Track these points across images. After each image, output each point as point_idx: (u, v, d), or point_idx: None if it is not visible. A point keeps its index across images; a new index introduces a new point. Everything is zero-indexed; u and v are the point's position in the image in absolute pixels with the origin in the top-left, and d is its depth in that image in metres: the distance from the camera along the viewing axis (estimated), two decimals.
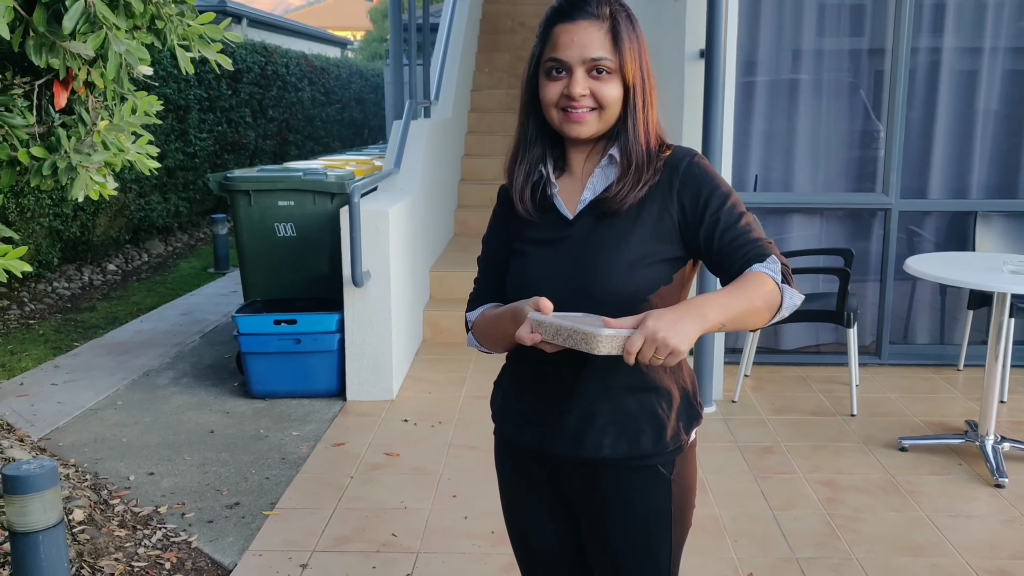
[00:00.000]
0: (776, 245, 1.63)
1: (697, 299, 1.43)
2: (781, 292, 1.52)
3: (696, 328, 1.38)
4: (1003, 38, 5.05)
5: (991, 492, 3.65)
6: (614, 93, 1.60)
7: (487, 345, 1.75)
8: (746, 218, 1.61)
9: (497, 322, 1.67)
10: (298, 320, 4.76)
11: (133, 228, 8.83)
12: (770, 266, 1.53)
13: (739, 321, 1.47)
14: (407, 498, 3.65)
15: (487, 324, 1.72)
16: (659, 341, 1.34)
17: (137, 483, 3.81)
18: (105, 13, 1.91)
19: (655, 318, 1.36)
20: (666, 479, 1.69)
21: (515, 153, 1.73)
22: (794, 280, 1.57)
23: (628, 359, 1.36)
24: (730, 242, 1.58)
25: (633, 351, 1.35)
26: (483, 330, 1.74)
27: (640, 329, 1.36)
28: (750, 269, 1.54)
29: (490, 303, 1.77)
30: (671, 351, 1.34)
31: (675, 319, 1.37)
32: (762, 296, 1.48)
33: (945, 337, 5.37)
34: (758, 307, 1.48)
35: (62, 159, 2.32)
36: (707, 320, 1.40)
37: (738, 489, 3.69)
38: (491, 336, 1.72)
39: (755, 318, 1.49)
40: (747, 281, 1.50)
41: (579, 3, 1.61)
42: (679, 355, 1.36)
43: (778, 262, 1.55)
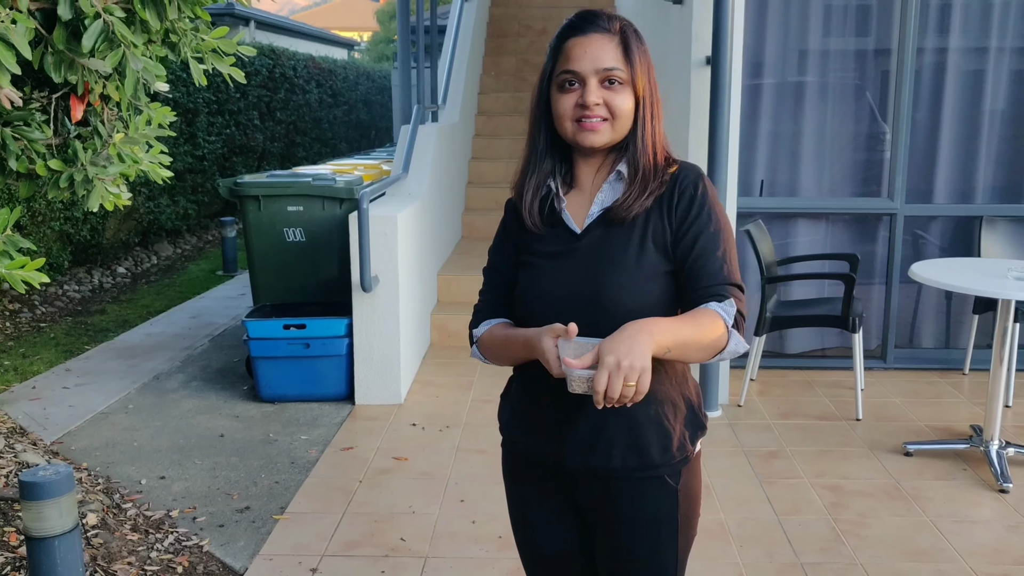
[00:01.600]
0: (742, 279, 1.67)
1: (645, 320, 1.48)
2: (728, 336, 1.58)
3: (649, 346, 1.42)
4: (1009, 38, 5.07)
5: (995, 497, 3.67)
6: (626, 104, 1.65)
7: (493, 361, 1.79)
8: (724, 251, 1.65)
9: (507, 344, 1.71)
10: (307, 325, 4.80)
11: (142, 231, 8.89)
12: (726, 308, 1.59)
13: (683, 350, 1.51)
14: (415, 502, 3.69)
15: (496, 344, 1.75)
16: (623, 369, 1.38)
17: (149, 487, 3.86)
18: (123, 32, 1.96)
19: (609, 350, 1.40)
20: (673, 489, 1.73)
21: (525, 167, 1.77)
22: (744, 330, 1.61)
23: (597, 400, 1.40)
24: (699, 269, 1.63)
25: (601, 390, 1.39)
26: (490, 347, 1.77)
27: (601, 366, 1.39)
28: (707, 305, 1.59)
29: (496, 319, 1.79)
30: (637, 372, 1.38)
31: (629, 342, 1.41)
32: (710, 334, 1.54)
33: (951, 341, 5.39)
34: (704, 343, 1.53)
35: (79, 172, 2.37)
36: (654, 340, 1.44)
37: (743, 494, 3.73)
38: (499, 355, 1.76)
39: (698, 353, 1.54)
40: (700, 315, 1.56)
41: (590, 18, 1.67)
42: (646, 374, 1.39)
43: (735, 307, 1.60)
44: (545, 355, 1.53)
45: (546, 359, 1.53)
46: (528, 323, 1.74)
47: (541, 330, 1.57)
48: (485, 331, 1.78)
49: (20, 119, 2.27)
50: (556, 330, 1.55)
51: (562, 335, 1.53)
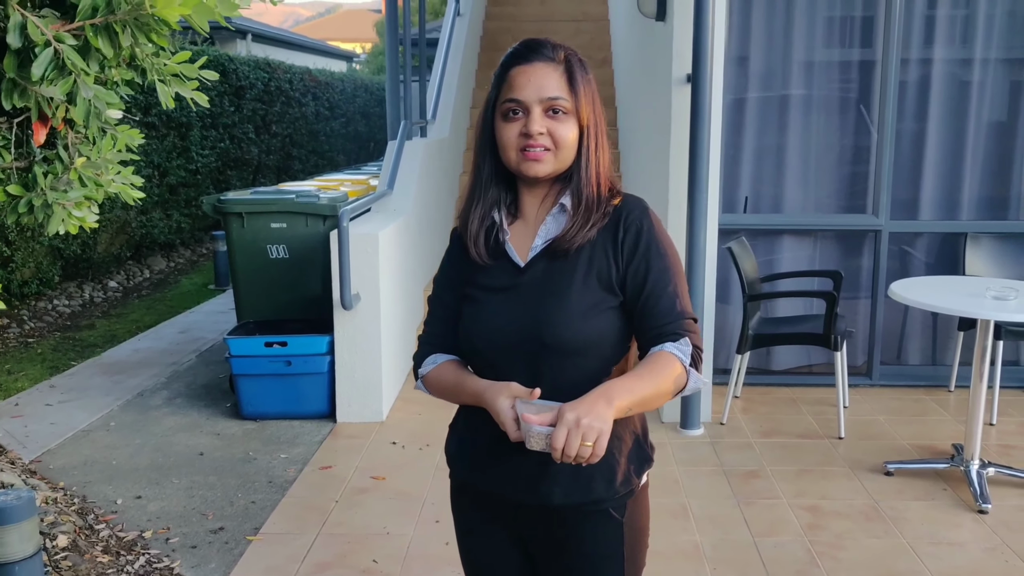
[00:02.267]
0: (692, 309, 1.68)
1: (606, 384, 1.49)
2: (687, 376, 1.58)
3: (609, 410, 1.43)
4: (994, 50, 5.06)
5: (974, 518, 3.65)
6: (570, 133, 1.63)
7: (440, 398, 1.78)
8: (674, 285, 1.64)
9: (456, 392, 1.71)
10: (289, 342, 4.79)
11: (135, 245, 8.90)
12: (681, 348, 1.58)
13: (644, 404, 1.53)
14: (390, 523, 3.67)
15: (444, 386, 1.74)
16: (583, 427, 1.39)
17: (124, 507, 3.84)
18: (74, 59, 1.95)
19: (570, 408, 1.41)
20: (618, 522, 1.71)
21: (471, 196, 1.75)
22: (702, 363, 1.62)
23: (555, 456, 1.40)
24: (652, 308, 1.62)
25: (559, 446, 1.39)
26: (437, 387, 1.76)
27: (561, 423, 1.40)
28: (661, 348, 1.59)
29: (444, 355, 1.77)
30: (596, 433, 1.39)
31: (589, 404, 1.42)
32: (668, 382, 1.54)
33: (937, 358, 5.37)
34: (663, 392, 1.54)
35: (38, 197, 2.36)
36: (613, 405, 1.45)
37: (720, 514, 3.70)
38: (446, 396, 1.75)
39: (659, 400, 1.55)
40: (656, 364, 1.55)
41: (535, 47, 1.67)
42: (604, 436, 1.40)
43: (690, 344, 1.59)
44: (500, 416, 1.53)
45: (501, 421, 1.53)
46: (472, 358, 1.73)
47: (496, 388, 1.57)
48: (432, 369, 1.77)
49: None
50: (513, 390, 1.55)
51: (520, 396, 1.53)
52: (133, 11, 2.02)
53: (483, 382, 1.62)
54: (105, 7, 2.02)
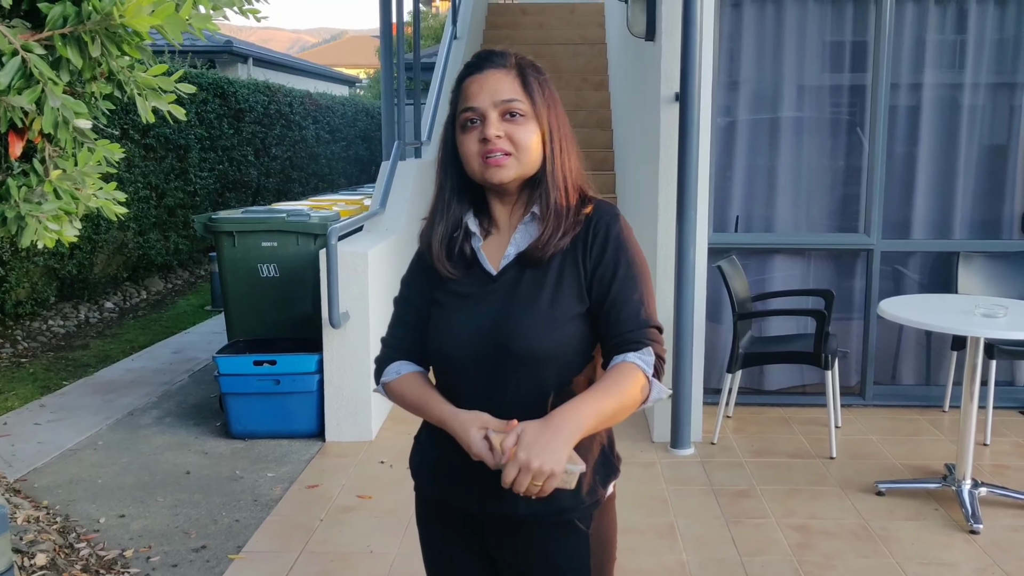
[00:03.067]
0: (660, 321, 1.66)
1: (571, 408, 1.48)
2: (650, 386, 1.58)
3: (569, 444, 1.44)
4: (984, 74, 5.06)
5: (965, 539, 3.60)
6: (530, 136, 1.62)
7: (402, 407, 1.75)
8: (640, 293, 1.63)
9: (421, 409, 1.69)
10: (278, 361, 4.78)
11: (132, 266, 8.90)
12: (644, 358, 1.58)
13: (610, 421, 1.54)
14: (374, 542, 3.63)
15: (408, 401, 1.72)
16: (533, 470, 1.39)
17: (107, 526, 3.81)
18: (42, 68, 1.95)
19: (525, 445, 1.41)
20: (584, 533, 1.69)
21: (432, 214, 1.73)
22: (663, 374, 1.62)
23: (505, 485, 1.41)
24: (616, 314, 1.61)
25: (508, 482, 1.40)
26: (400, 399, 1.74)
27: (512, 461, 1.40)
28: (624, 359, 1.58)
29: (408, 364, 1.75)
30: (547, 476, 1.40)
31: (547, 440, 1.42)
32: (631, 395, 1.55)
33: (931, 378, 5.32)
34: (626, 405, 1.55)
35: (11, 209, 2.35)
36: (581, 430, 1.47)
37: (708, 534, 3.66)
38: (408, 409, 1.73)
39: (624, 414, 1.56)
40: (619, 377, 1.55)
41: (486, 56, 1.68)
42: (555, 478, 1.40)
43: (653, 354, 1.59)
44: (472, 449, 1.53)
45: (475, 454, 1.52)
46: (438, 363, 1.71)
47: (465, 419, 1.57)
48: (396, 379, 1.74)
49: None
50: (484, 421, 1.55)
51: (492, 427, 1.53)
52: (103, 21, 2.02)
53: (449, 409, 1.62)
54: (75, 17, 2.02)
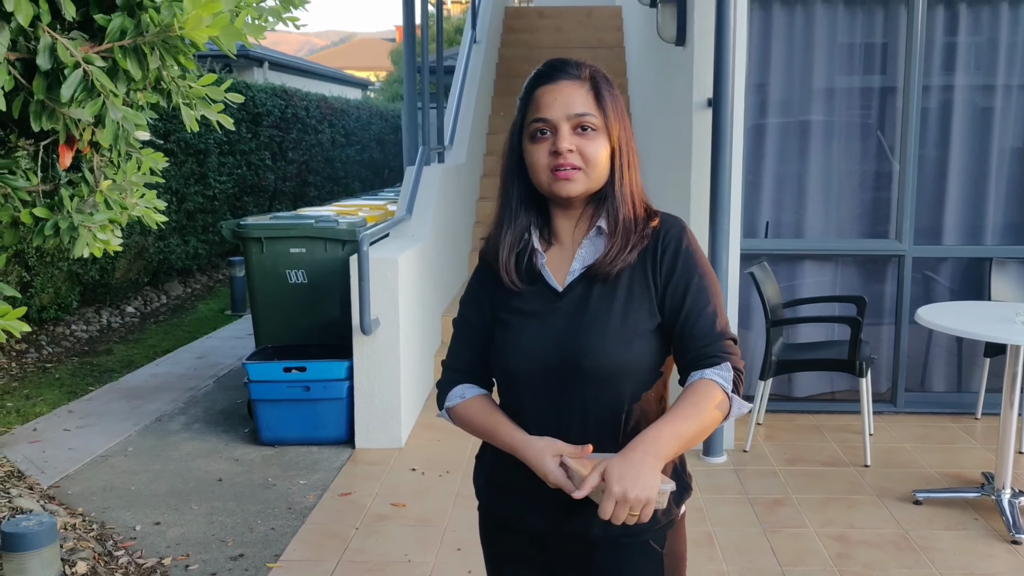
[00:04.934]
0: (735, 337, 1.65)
1: (650, 435, 1.47)
2: (730, 403, 1.56)
3: (657, 471, 1.42)
4: (1017, 76, 5.03)
5: (1008, 549, 3.57)
6: (600, 151, 1.60)
7: (469, 432, 1.74)
8: (713, 306, 1.61)
9: (488, 434, 1.68)
10: (308, 367, 4.77)
11: (152, 270, 8.92)
12: (722, 373, 1.56)
13: (690, 444, 1.52)
14: (411, 551, 3.62)
15: (474, 426, 1.70)
16: (631, 501, 1.38)
17: (143, 533, 3.81)
18: (103, 81, 1.95)
19: (617, 479, 1.39)
20: (658, 554, 1.67)
21: (499, 222, 1.71)
22: (743, 383, 1.60)
23: (603, 517, 1.40)
24: (691, 328, 1.60)
25: (606, 517, 1.39)
26: (465, 423, 1.72)
27: (608, 495, 1.39)
28: (702, 375, 1.56)
29: (473, 387, 1.74)
30: (643, 503, 1.39)
31: (637, 472, 1.40)
32: (711, 415, 1.53)
33: (962, 385, 5.29)
34: (707, 426, 1.53)
35: (64, 219, 2.35)
36: (664, 458, 1.45)
37: (746, 543, 3.64)
38: (475, 433, 1.72)
39: (703, 436, 1.54)
40: (698, 397, 1.53)
41: (559, 66, 1.64)
42: (651, 505, 1.39)
43: (731, 369, 1.57)
44: (549, 478, 1.53)
45: (553, 483, 1.52)
46: (504, 382, 1.70)
47: (539, 448, 1.56)
48: (460, 403, 1.72)
49: (4, 167, 2.26)
50: (557, 448, 1.55)
51: (566, 453, 1.53)
52: (162, 33, 2.02)
53: (520, 436, 1.61)
54: (134, 29, 2.02)
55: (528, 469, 1.60)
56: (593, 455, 1.54)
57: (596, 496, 1.43)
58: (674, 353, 1.64)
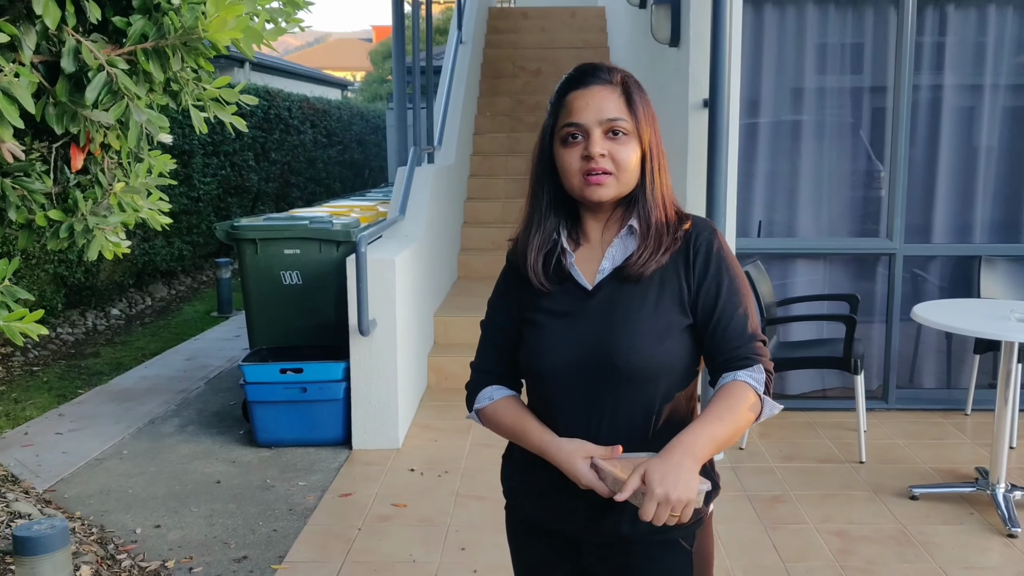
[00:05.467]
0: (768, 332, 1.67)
1: (688, 438, 1.49)
2: (762, 404, 1.59)
3: (696, 472, 1.45)
4: (1004, 75, 5.10)
5: (1004, 542, 3.63)
6: (632, 155, 1.62)
7: (496, 433, 1.75)
8: (745, 308, 1.64)
9: (518, 436, 1.70)
10: (304, 369, 4.76)
11: (137, 272, 8.85)
12: (754, 375, 1.59)
13: (724, 446, 1.55)
14: (415, 551, 3.63)
15: (503, 428, 1.73)
16: (672, 502, 1.40)
17: (144, 536, 3.79)
18: (127, 84, 1.94)
19: (658, 480, 1.41)
20: (687, 552, 1.69)
21: (528, 224, 1.72)
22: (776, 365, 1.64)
23: (644, 519, 1.42)
24: (723, 331, 1.62)
25: (649, 518, 1.41)
26: (494, 425, 1.74)
27: (650, 496, 1.41)
28: (735, 377, 1.59)
29: (502, 388, 1.76)
30: (684, 503, 1.41)
31: (676, 471, 1.43)
32: (744, 416, 1.55)
33: (952, 381, 5.36)
34: (741, 427, 1.55)
35: (79, 222, 2.34)
36: (701, 460, 1.48)
37: (749, 540, 3.67)
38: (504, 435, 1.74)
39: (736, 438, 1.57)
40: (733, 399, 1.55)
41: (591, 71, 1.65)
42: (692, 505, 1.42)
43: (763, 371, 1.60)
44: (581, 480, 1.55)
45: (585, 484, 1.55)
46: (534, 383, 1.71)
47: (569, 450, 1.58)
48: (489, 405, 1.74)
49: (20, 170, 2.25)
50: (588, 450, 1.57)
51: (596, 455, 1.56)
52: (184, 35, 2.01)
53: (550, 438, 1.62)
54: (156, 32, 2.01)
55: (558, 471, 1.61)
56: (623, 456, 1.56)
57: (635, 499, 1.45)
58: (704, 354, 1.66)
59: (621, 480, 1.48)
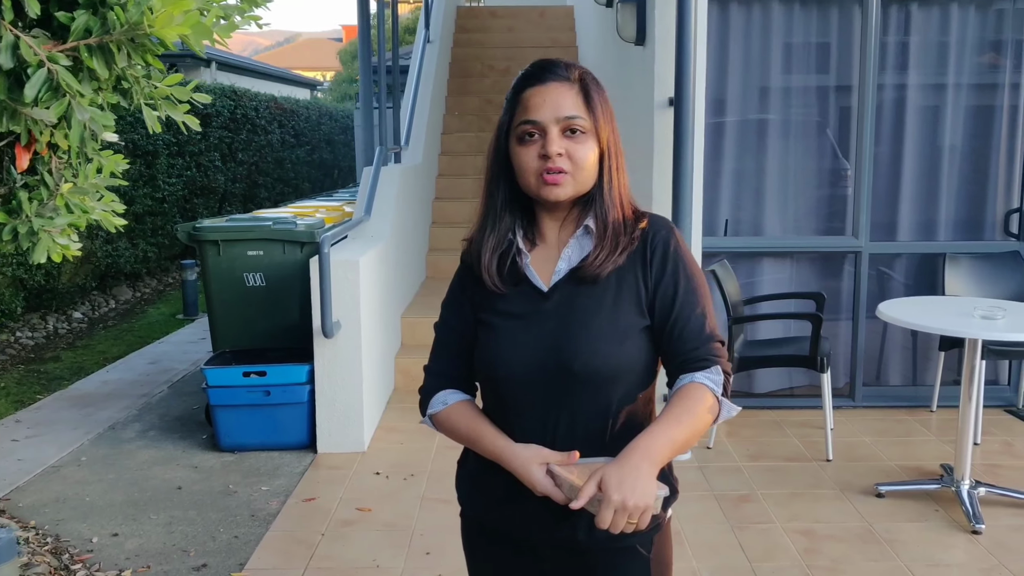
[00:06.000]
0: (721, 334, 1.64)
1: (645, 441, 1.46)
2: (720, 406, 1.56)
3: (653, 477, 1.42)
4: (967, 75, 5.13)
5: (968, 539, 3.64)
6: (590, 154, 1.58)
7: (452, 439, 1.71)
8: (702, 307, 1.61)
9: (472, 441, 1.66)
10: (268, 372, 4.69)
11: (100, 275, 8.71)
12: (712, 377, 1.56)
13: (682, 449, 1.51)
14: (380, 556, 3.57)
15: (457, 433, 1.68)
16: (630, 509, 1.38)
17: (100, 545, 3.70)
18: (68, 81, 1.88)
19: (615, 487, 1.38)
20: (645, 559, 1.66)
21: (483, 224, 1.68)
22: (730, 372, 1.61)
23: (601, 527, 1.39)
24: (681, 331, 1.59)
25: (606, 525, 1.38)
26: (448, 430, 1.70)
27: (606, 503, 1.38)
28: (692, 378, 1.55)
29: (456, 392, 1.71)
30: (642, 510, 1.39)
31: (634, 479, 1.40)
32: (703, 418, 1.52)
33: (918, 378, 5.39)
34: (699, 429, 1.52)
35: (23, 224, 2.27)
36: (659, 464, 1.45)
37: (716, 540, 3.65)
38: (458, 440, 1.70)
39: (695, 440, 1.54)
40: (690, 402, 1.52)
41: (549, 67, 1.61)
42: (649, 511, 1.40)
43: (721, 372, 1.57)
44: (536, 487, 1.52)
45: (540, 492, 1.52)
46: (488, 386, 1.67)
47: (525, 457, 1.54)
48: (443, 410, 1.69)
49: None
50: (544, 456, 1.53)
51: (552, 460, 1.52)
52: (129, 31, 1.95)
53: (504, 443, 1.59)
54: (100, 27, 1.95)
55: (514, 478, 1.58)
56: (580, 461, 1.52)
57: (592, 505, 1.42)
58: (662, 355, 1.63)
59: (577, 487, 1.44)
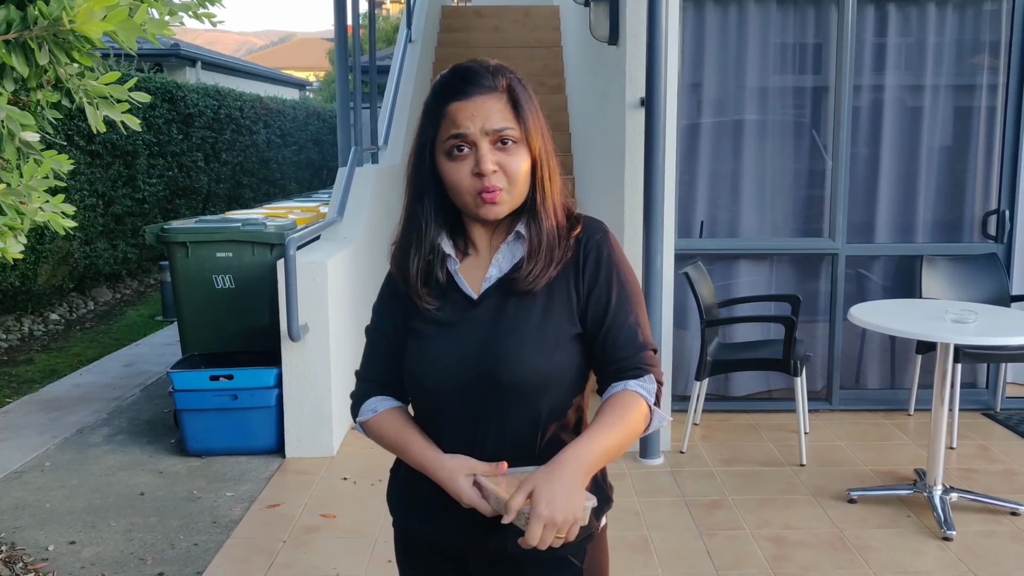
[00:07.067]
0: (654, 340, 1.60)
1: (576, 450, 1.42)
2: (652, 416, 1.52)
3: (583, 488, 1.39)
4: (944, 76, 5.08)
5: (939, 546, 3.58)
6: (522, 165, 1.51)
7: (383, 447, 1.65)
8: (635, 315, 1.56)
9: (400, 450, 1.61)
10: (235, 375, 4.62)
11: (78, 276, 8.63)
12: (645, 385, 1.52)
13: (614, 456, 1.48)
14: (341, 564, 3.51)
15: (387, 442, 1.63)
16: (559, 524, 1.34)
17: (56, 554, 3.63)
18: None
19: (545, 500, 1.34)
20: (578, 569, 1.61)
21: (406, 243, 1.61)
22: (663, 393, 1.56)
23: (530, 544, 1.36)
24: (614, 339, 1.54)
25: (534, 542, 1.34)
26: (378, 438, 1.65)
27: (535, 517, 1.34)
28: (625, 387, 1.51)
29: (387, 399, 1.65)
30: (570, 524, 1.35)
31: (565, 491, 1.36)
32: (635, 426, 1.49)
33: (896, 381, 5.33)
34: (631, 437, 1.49)
35: None
36: (589, 474, 1.42)
37: (683, 547, 3.59)
38: (388, 448, 1.64)
39: (626, 447, 1.50)
40: (622, 410, 1.48)
41: (471, 78, 1.52)
42: (577, 524, 1.36)
43: (654, 381, 1.53)
44: (463, 499, 1.47)
45: (467, 503, 1.47)
46: (417, 396, 1.62)
47: (451, 468, 1.49)
48: (373, 417, 1.64)
49: None
50: (471, 467, 1.48)
51: (480, 472, 1.47)
52: (51, 27, 1.88)
53: (432, 455, 1.54)
54: (19, 22, 1.88)
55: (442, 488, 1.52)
56: (509, 471, 1.48)
57: (519, 520, 1.37)
58: (594, 363, 1.58)
59: (504, 499, 1.39)
